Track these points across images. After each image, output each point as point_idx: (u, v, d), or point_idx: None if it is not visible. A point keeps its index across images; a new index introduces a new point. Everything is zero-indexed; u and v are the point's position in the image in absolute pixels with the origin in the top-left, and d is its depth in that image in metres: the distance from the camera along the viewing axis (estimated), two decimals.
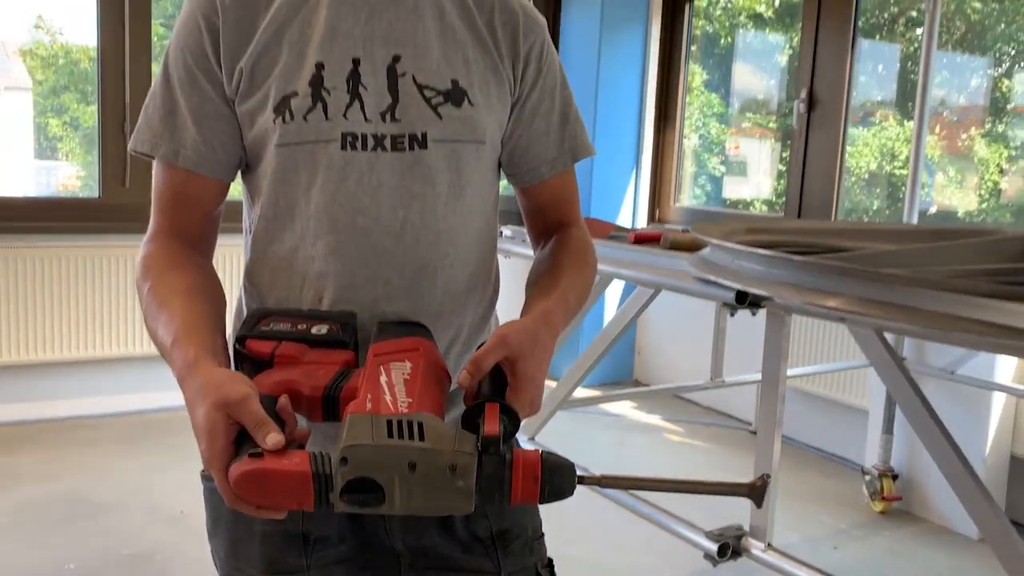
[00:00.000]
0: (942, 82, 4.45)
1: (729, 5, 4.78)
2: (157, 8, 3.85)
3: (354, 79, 0.97)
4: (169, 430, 3.61)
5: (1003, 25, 4.14)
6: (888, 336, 3.15)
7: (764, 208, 4.60)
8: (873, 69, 4.26)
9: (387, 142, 0.97)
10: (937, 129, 4.21)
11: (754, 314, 1.63)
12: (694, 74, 4.82)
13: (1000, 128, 3.91)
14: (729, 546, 1.63)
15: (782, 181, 4.35)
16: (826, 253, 1.64)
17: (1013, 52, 3.98)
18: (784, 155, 4.28)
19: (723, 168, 4.93)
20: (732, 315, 2.42)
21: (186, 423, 0.81)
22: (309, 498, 0.71)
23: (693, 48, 4.76)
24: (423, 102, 0.98)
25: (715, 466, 3.55)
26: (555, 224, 1.15)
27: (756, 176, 4.76)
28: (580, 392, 4.01)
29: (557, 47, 4.67)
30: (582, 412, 4.05)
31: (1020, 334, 0.98)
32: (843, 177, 3.88)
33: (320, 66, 0.96)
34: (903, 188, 4.11)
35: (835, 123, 3.83)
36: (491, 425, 0.75)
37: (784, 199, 4.14)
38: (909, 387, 1.49)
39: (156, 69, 1.13)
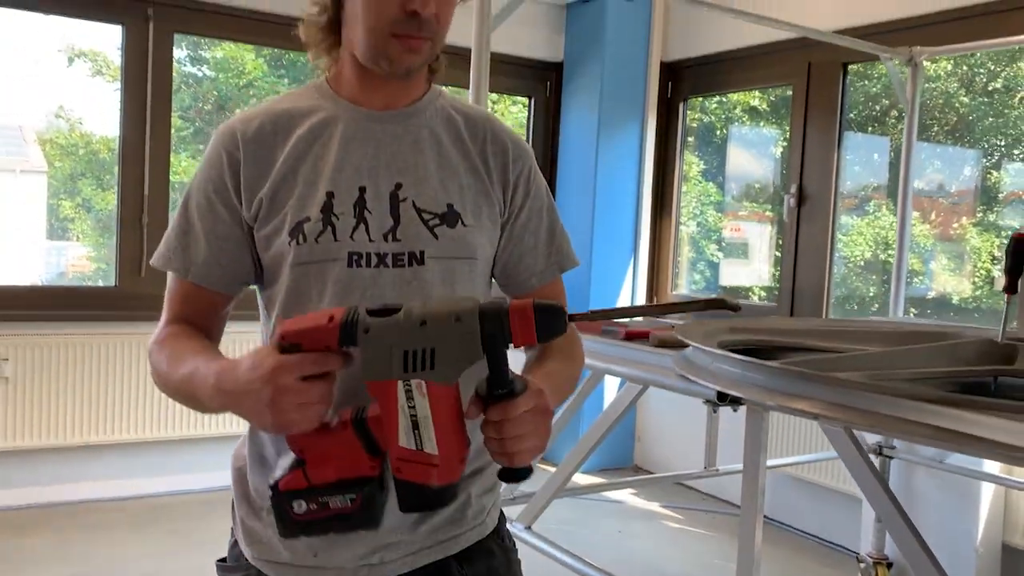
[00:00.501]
0: (934, 171, 4.61)
1: (724, 100, 4.99)
2: (175, 100, 4.07)
3: (360, 205, 1.10)
4: (178, 515, 3.67)
5: (991, 118, 4.32)
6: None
7: (763, 294, 4.73)
8: (867, 159, 4.43)
9: (388, 259, 1.10)
10: (933, 216, 4.35)
11: (735, 410, 1.73)
12: (691, 164, 5.01)
13: (991, 217, 4.03)
14: None
15: (779, 267, 4.48)
16: (802, 352, 1.76)
17: (1002, 144, 4.13)
18: (780, 241, 4.42)
19: (720, 255, 5.07)
20: (714, 411, 2.51)
21: (194, 507, 0.96)
22: (336, 328, 0.90)
23: (690, 139, 4.96)
24: (421, 224, 1.11)
25: (714, 553, 3.58)
26: None
27: (757, 259, 4.89)
28: (580, 479, 4.06)
29: (557, 144, 4.93)
30: (583, 499, 4.10)
31: (961, 436, 1.09)
32: (833, 268, 4.02)
33: (330, 195, 1.10)
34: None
35: (824, 216, 3.98)
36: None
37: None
38: (874, 479, 1.57)
39: (174, 160, 1.38)
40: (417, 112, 1.18)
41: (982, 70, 4.42)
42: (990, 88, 4.33)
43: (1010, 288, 1.53)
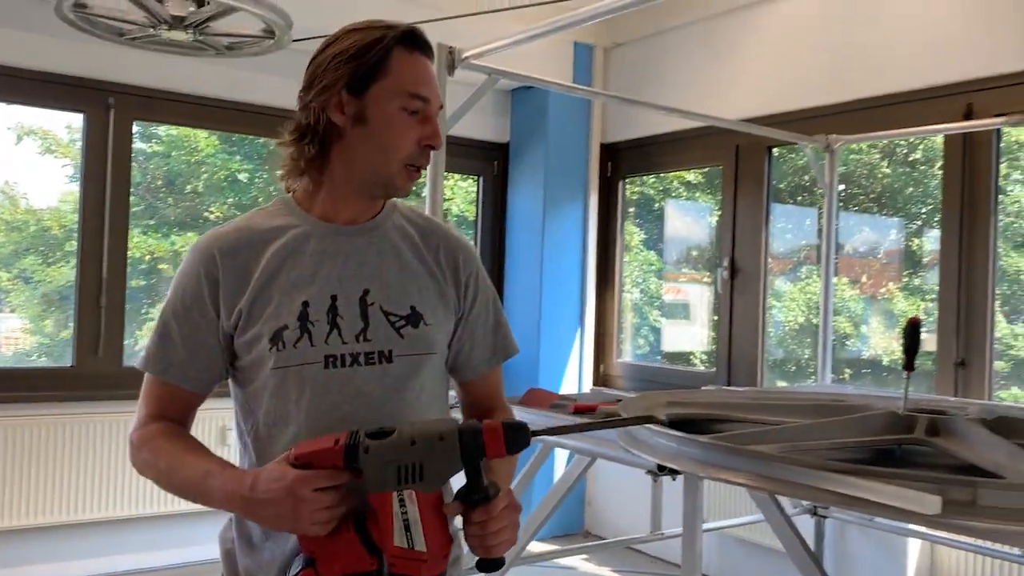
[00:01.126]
0: (862, 239, 4.87)
1: (662, 175, 5.26)
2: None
3: (332, 312, 1.25)
4: None
5: (911, 188, 4.61)
6: None
7: (704, 357, 4.93)
8: (799, 226, 4.69)
9: (361, 358, 1.25)
10: (864, 279, 4.59)
11: (674, 479, 1.91)
12: (632, 234, 5.25)
13: (916, 281, 4.28)
14: None
15: (717, 331, 4.68)
16: (732, 423, 1.94)
17: (922, 211, 4.40)
18: (717, 306, 4.63)
19: (663, 319, 5.28)
20: (655, 481, 2.68)
21: None
22: (341, 450, 1.09)
23: (631, 210, 5.21)
24: (388, 325, 1.26)
25: None
26: (488, 410, 1.44)
27: (698, 322, 5.09)
28: (534, 546, 4.16)
29: (505, 219, 5.13)
30: (538, 566, 4.20)
31: (856, 500, 1.28)
32: (766, 335, 4.25)
33: (306, 304, 1.25)
34: (834, 339, 4.46)
35: (755, 287, 4.23)
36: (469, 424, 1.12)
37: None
38: (795, 538, 1.75)
39: (134, 254, 1.51)
40: (378, 225, 1.32)
41: (902, 142, 4.75)
42: (910, 159, 4.63)
43: (908, 366, 1.74)
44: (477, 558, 1.16)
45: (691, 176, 5.16)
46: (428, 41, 1.29)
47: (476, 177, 5.11)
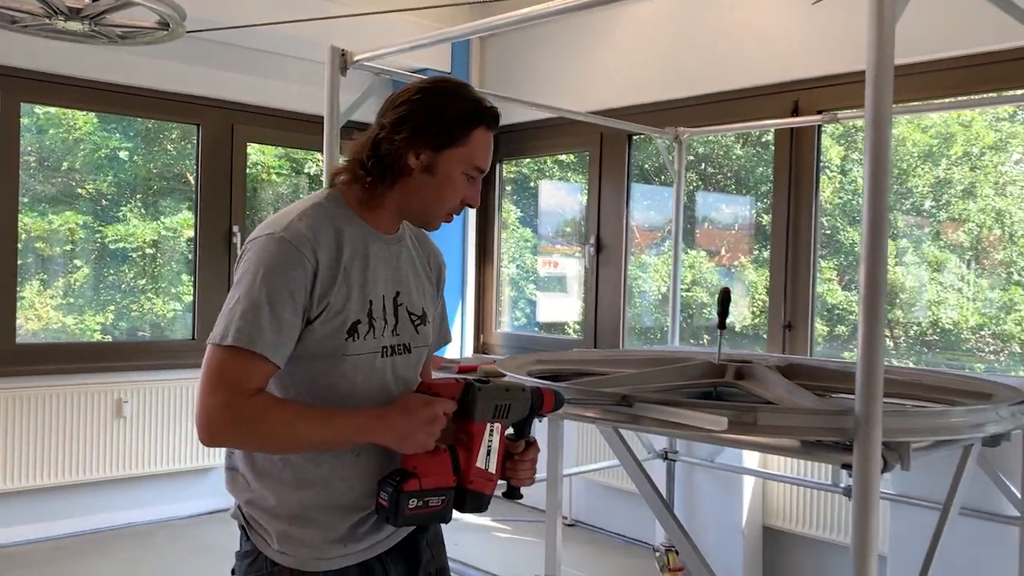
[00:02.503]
0: (719, 215, 5.27)
1: (537, 158, 5.61)
2: None
3: (384, 310, 1.50)
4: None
5: (761, 167, 5.06)
6: (657, 440, 3.92)
7: (577, 327, 5.31)
8: (662, 204, 4.98)
9: (397, 349, 1.52)
10: (722, 251, 4.96)
11: (540, 420, 2.30)
12: (509, 212, 5.58)
13: (764, 254, 4.59)
14: None
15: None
16: (587, 375, 2.34)
17: (771, 190, 4.80)
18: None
19: (538, 293, 5.63)
20: None
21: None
22: (461, 387, 1.46)
23: (508, 188, 5.53)
24: (410, 323, 1.55)
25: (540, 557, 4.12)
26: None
27: (573, 293, 5.38)
28: None
29: None
30: None
31: (670, 424, 1.69)
32: (627, 305, 4.70)
33: (371, 302, 1.48)
34: (691, 307, 4.89)
35: (618, 262, 4.68)
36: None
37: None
38: (644, 479, 2.15)
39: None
40: (401, 237, 1.57)
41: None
42: (762, 140, 5.08)
43: (720, 325, 2.19)
44: (505, 488, 1.55)
45: (563, 156, 5.53)
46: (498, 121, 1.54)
47: None
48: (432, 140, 1.46)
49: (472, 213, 5.37)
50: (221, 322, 1.37)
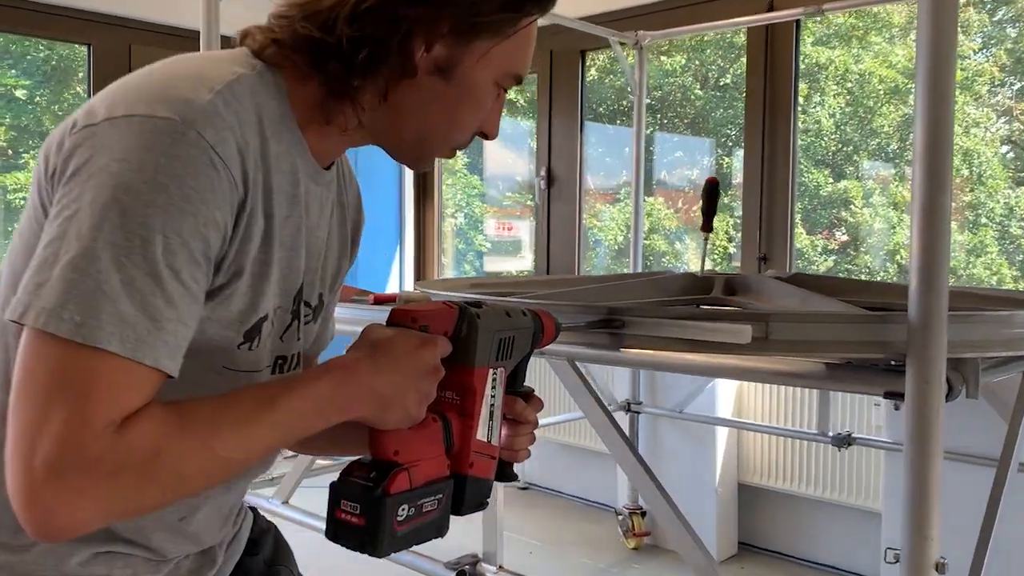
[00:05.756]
0: (675, 161, 4.97)
1: None
2: None
3: (297, 299, 0.93)
4: None
5: (721, 110, 4.73)
6: (619, 389, 3.47)
7: (529, 273, 4.88)
8: (619, 152, 4.71)
9: (285, 363, 0.96)
10: (680, 203, 4.69)
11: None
12: (456, 157, 5.08)
13: (726, 200, 4.40)
14: (466, 572, 1.76)
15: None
16: (528, 297, 1.85)
17: (732, 133, 4.52)
18: None
19: (488, 245, 5.20)
20: None
21: None
22: (455, 313, 0.89)
23: None
24: (299, 320, 0.96)
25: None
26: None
27: (527, 256, 5.07)
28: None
29: None
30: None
31: (681, 342, 1.21)
32: (583, 245, 4.25)
33: (300, 289, 0.93)
34: (651, 256, 4.54)
35: (572, 197, 4.21)
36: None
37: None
38: (615, 431, 1.68)
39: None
40: (333, 177, 0.97)
41: (713, 67, 4.83)
42: (721, 83, 4.74)
43: (706, 227, 1.70)
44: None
45: (512, 95, 5.06)
46: None
47: None
48: (462, 24, 0.86)
49: None
50: (56, 288, 0.68)
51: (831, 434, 2.90)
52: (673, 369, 1.58)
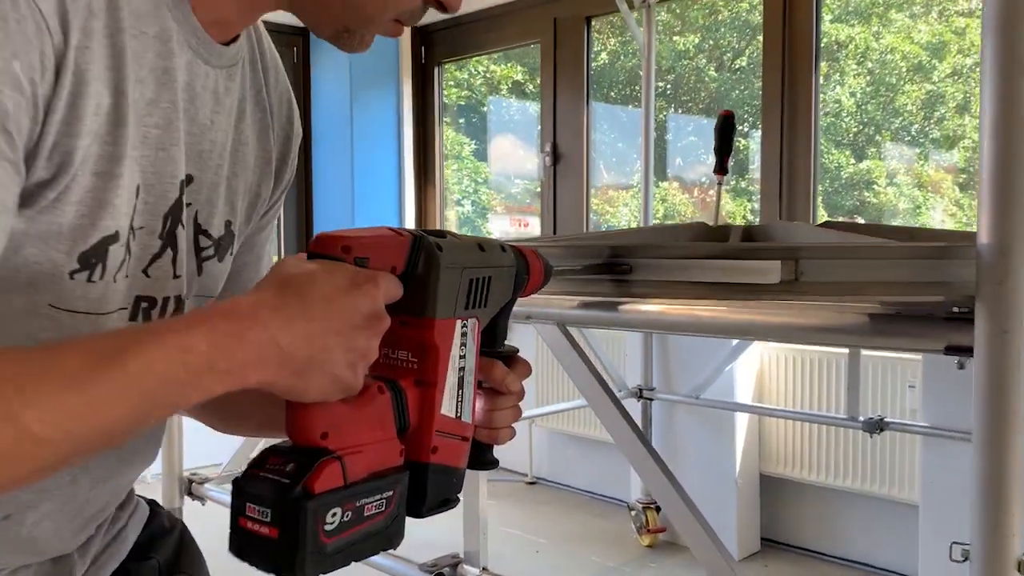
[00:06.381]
0: (690, 145, 4.78)
1: (488, 73, 4.92)
2: None
3: (168, 219, 0.70)
4: None
5: (737, 92, 4.52)
6: (631, 374, 3.24)
7: None
8: (632, 138, 4.52)
9: (152, 306, 0.71)
10: (696, 193, 4.50)
11: None
12: (462, 144, 4.89)
13: (743, 184, 4.19)
14: (445, 575, 1.54)
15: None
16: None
17: (748, 116, 4.32)
18: None
19: (496, 234, 5.00)
20: None
21: None
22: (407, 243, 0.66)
23: (461, 121, 4.86)
24: (193, 253, 0.75)
25: (496, 519, 3.47)
26: None
27: None
28: None
29: (310, 115, 4.66)
30: None
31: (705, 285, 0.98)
32: (588, 223, 4.03)
33: (172, 205, 0.69)
34: None
35: (578, 174, 3.99)
36: None
37: None
38: (622, 419, 1.45)
39: None
40: (237, 57, 0.75)
41: (728, 49, 4.64)
42: (736, 66, 4.54)
43: (720, 168, 1.46)
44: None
45: (519, 76, 4.86)
46: None
47: None
48: None
49: (407, 127, 4.62)
50: None
51: (862, 419, 2.68)
52: (682, 328, 1.34)
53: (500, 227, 4.98)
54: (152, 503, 0.91)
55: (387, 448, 0.65)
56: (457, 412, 0.69)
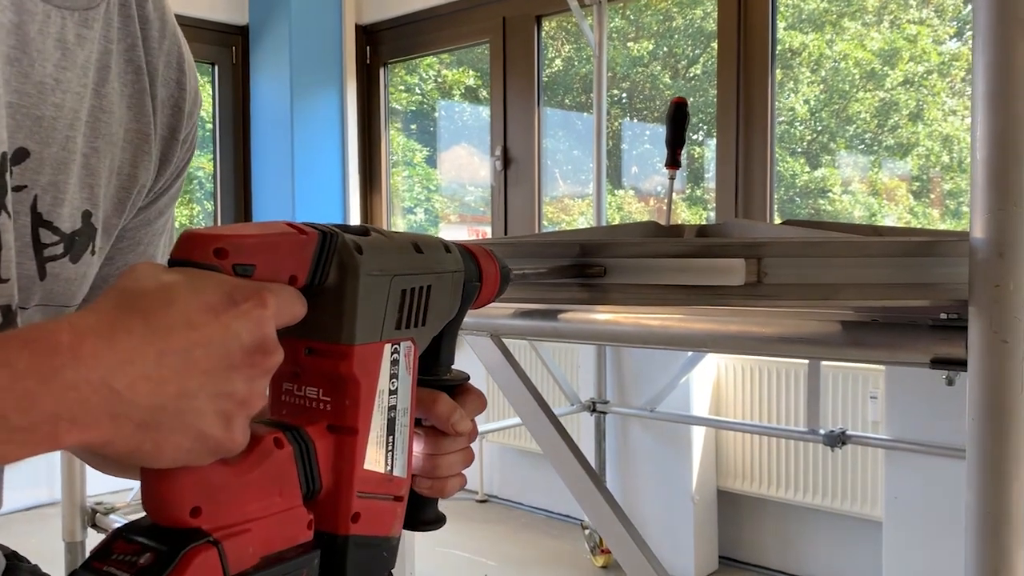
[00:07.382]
0: (645, 153, 4.70)
1: (440, 78, 4.80)
2: None
3: None
4: None
5: (692, 100, 4.45)
6: (584, 387, 3.11)
7: None
8: (586, 144, 4.45)
9: None
10: (651, 202, 4.43)
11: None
12: (414, 151, 4.77)
13: (699, 192, 4.13)
14: None
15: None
16: None
17: (703, 124, 4.26)
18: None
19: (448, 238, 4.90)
20: None
21: None
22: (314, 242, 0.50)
23: (412, 127, 4.72)
24: (32, 254, 0.60)
25: (443, 540, 3.31)
26: None
27: None
28: None
29: (249, 116, 4.47)
30: None
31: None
32: (541, 228, 3.92)
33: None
34: None
35: (530, 179, 3.87)
36: None
37: None
38: (557, 434, 1.30)
39: None
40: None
41: (683, 57, 4.58)
42: (690, 74, 4.48)
43: (672, 162, 1.33)
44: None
45: (471, 80, 4.73)
46: None
47: (211, 65, 4.40)
48: None
49: (352, 131, 4.45)
50: None
51: (822, 432, 2.58)
52: (632, 340, 1.20)
53: (455, 236, 4.84)
54: (11, 556, 0.74)
55: (288, 521, 0.48)
56: (387, 465, 0.53)
